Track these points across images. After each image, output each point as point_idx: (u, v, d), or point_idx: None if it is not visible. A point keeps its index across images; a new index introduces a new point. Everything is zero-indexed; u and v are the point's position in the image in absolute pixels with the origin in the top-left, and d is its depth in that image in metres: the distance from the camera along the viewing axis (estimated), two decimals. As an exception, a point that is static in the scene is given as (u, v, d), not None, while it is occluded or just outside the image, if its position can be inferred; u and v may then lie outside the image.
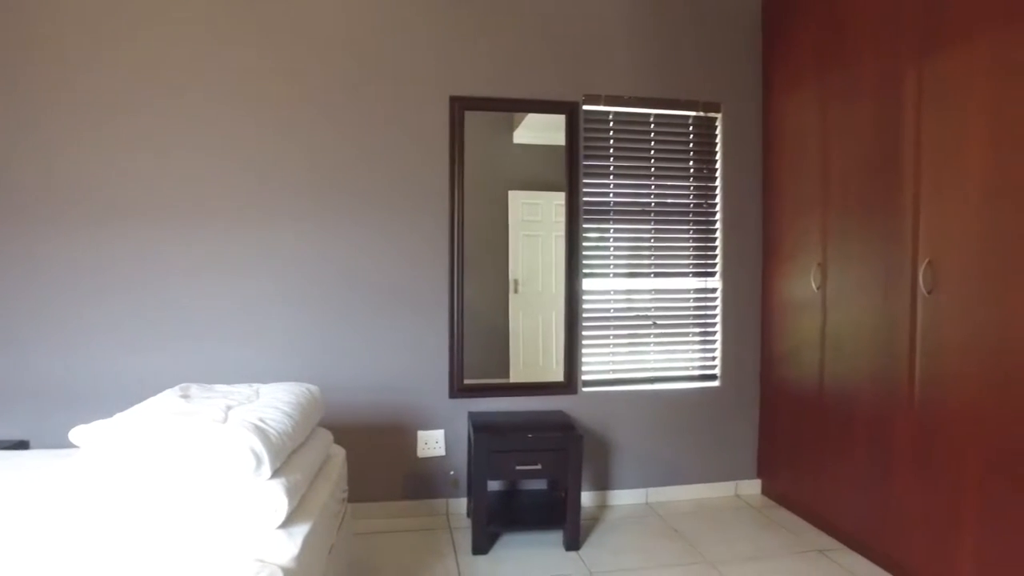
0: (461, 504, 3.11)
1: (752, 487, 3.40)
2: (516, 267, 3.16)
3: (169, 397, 1.83)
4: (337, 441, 2.40)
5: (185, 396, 1.86)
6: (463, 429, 3.09)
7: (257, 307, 2.90)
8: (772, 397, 3.27)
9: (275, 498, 1.52)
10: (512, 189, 3.15)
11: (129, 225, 2.79)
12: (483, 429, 2.79)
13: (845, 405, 2.71)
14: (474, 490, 2.69)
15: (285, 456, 1.66)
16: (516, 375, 3.18)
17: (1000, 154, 2.02)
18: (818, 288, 2.88)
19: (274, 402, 1.85)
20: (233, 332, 2.88)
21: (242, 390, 2.01)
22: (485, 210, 3.12)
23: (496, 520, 2.78)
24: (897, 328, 2.43)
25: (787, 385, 3.13)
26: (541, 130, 3.15)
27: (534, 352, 3.19)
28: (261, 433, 1.56)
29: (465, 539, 2.81)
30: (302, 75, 2.90)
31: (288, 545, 1.50)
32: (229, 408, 1.74)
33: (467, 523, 2.94)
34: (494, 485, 3.11)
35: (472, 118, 3.07)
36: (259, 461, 1.52)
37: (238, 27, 2.85)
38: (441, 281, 3.05)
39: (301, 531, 1.57)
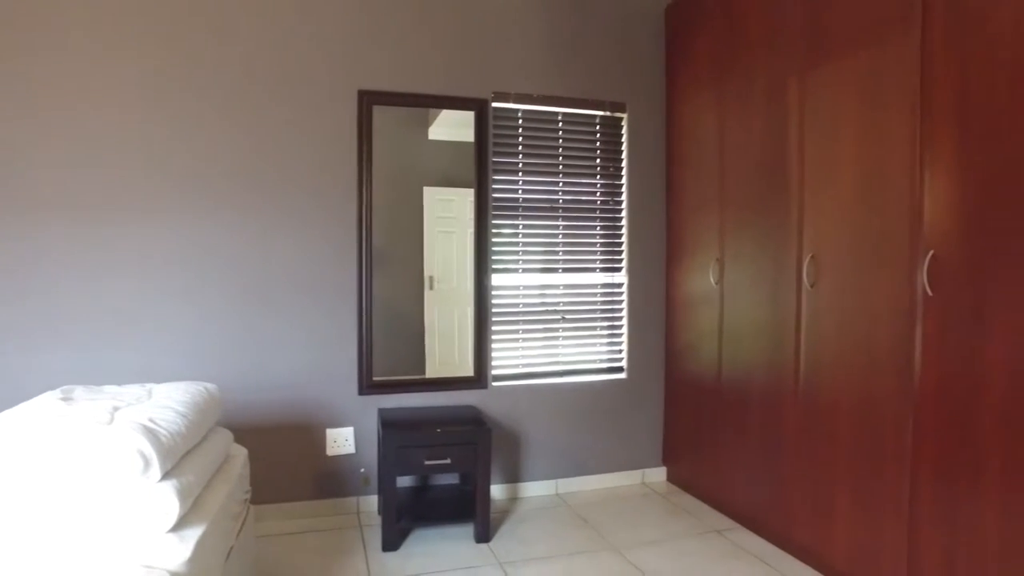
0: (373, 502, 3.08)
1: (658, 475, 3.54)
2: (431, 264, 3.16)
3: (48, 400, 1.72)
4: (242, 441, 2.34)
5: (67, 399, 1.76)
6: (373, 426, 3.06)
7: (156, 305, 2.77)
8: (675, 387, 3.41)
9: (165, 501, 1.46)
10: (427, 185, 3.14)
11: (16, 222, 2.60)
12: (392, 425, 2.77)
13: (741, 393, 2.87)
14: (383, 486, 2.68)
15: (177, 457, 1.60)
16: (432, 371, 3.18)
17: (865, 160, 2.20)
18: (716, 282, 3.03)
19: (167, 402, 1.78)
20: (128, 331, 2.74)
21: (134, 390, 1.92)
22: (400, 206, 3.10)
23: (407, 515, 2.78)
24: (785, 319, 2.59)
25: (689, 376, 3.28)
26: (456, 127, 3.16)
27: (450, 348, 3.20)
28: (150, 434, 1.50)
29: (376, 536, 2.79)
30: (203, 66, 2.79)
31: (179, 549, 1.45)
32: (116, 409, 1.66)
33: (379, 520, 2.92)
34: (405, 481, 3.10)
35: (386, 114, 3.05)
36: (147, 463, 1.46)
37: (135, 15, 2.71)
38: (349, 277, 3.01)
39: (194, 534, 1.52)
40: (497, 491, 3.24)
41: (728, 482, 2.97)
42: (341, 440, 3.03)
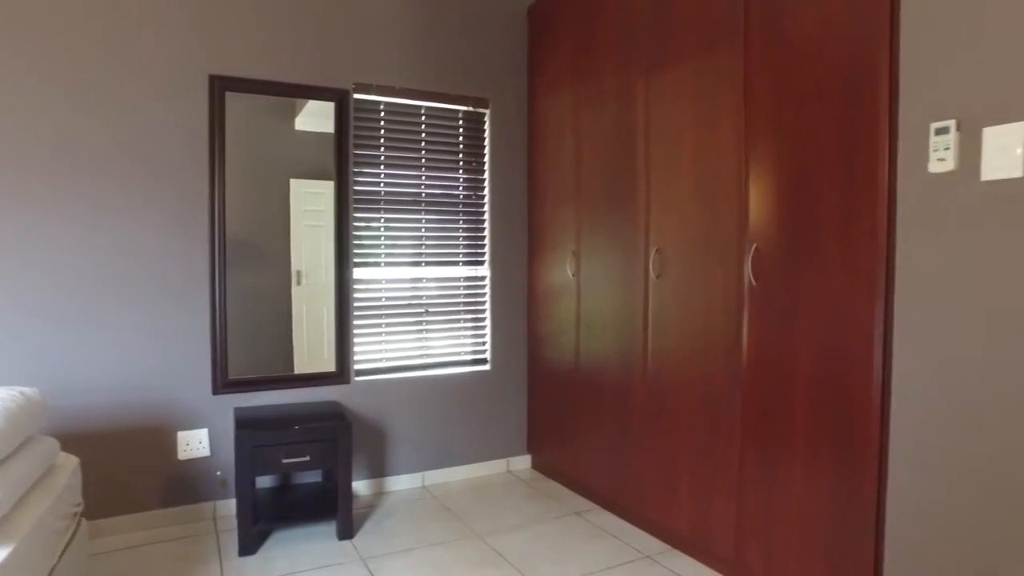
0: (231, 506, 2.95)
1: (523, 462, 3.65)
2: (299, 258, 3.06)
3: None
4: (78, 449, 2.16)
5: None
6: (230, 426, 2.93)
7: (-34, 304, 2.50)
8: (538, 377, 3.53)
9: (-35, 519, 1.34)
10: (294, 177, 3.04)
11: None
12: (247, 424, 2.67)
13: (596, 380, 3.02)
14: (239, 488, 2.58)
15: (-17, 471, 1.47)
16: (301, 367, 3.09)
17: (701, 161, 2.38)
18: (573, 275, 3.17)
19: (-28, 411, 1.62)
20: (-68, 334, 2.45)
21: (-67, 400, 1.73)
22: (265, 199, 2.98)
23: (266, 517, 2.69)
24: (634, 309, 2.76)
25: (550, 365, 3.40)
26: (323, 117, 3.08)
27: (319, 344, 3.12)
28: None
29: (233, 542, 2.68)
30: (41, 44, 2.53)
31: (-18, 570, 1.34)
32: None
33: (236, 525, 2.80)
34: (266, 481, 3.00)
35: (246, 101, 2.92)
36: (-58, 479, 1.32)
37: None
38: (201, 271, 2.86)
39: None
40: (362, 487, 3.21)
41: (587, 466, 3.12)
42: (194, 443, 2.88)
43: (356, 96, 3.14)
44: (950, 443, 1.67)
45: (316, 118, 3.08)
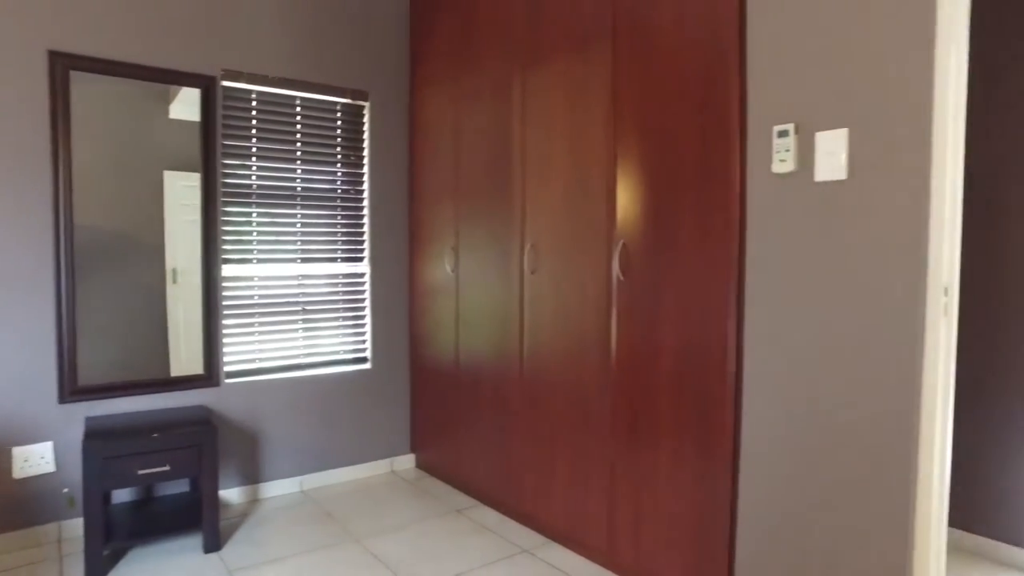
0: (80, 525, 2.71)
1: (407, 462, 3.59)
2: (174, 255, 2.86)
3: None
4: None
5: None
6: (80, 438, 2.69)
7: None
8: (420, 374, 3.49)
9: None
10: (169, 169, 2.83)
11: None
12: (99, 434, 2.46)
13: (475, 376, 3.02)
14: (87, 504, 2.36)
15: None
16: (179, 370, 2.89)
17: (573, 158, 2.44)
18: (452, 270, 3.16)
19: None
20: None
21: None
22: (136, 191, 2.76)
23: (121, 534, 2.49)
24: (510, 304, 2.78)
25: (431, 362, 3.37)
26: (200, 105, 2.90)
27: (197, 345, 2.93)
28: None
29: (78, 565, 2.46)
30: None
31: None
32: None
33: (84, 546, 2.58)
34: (124, 495, 2.78)
35: (115, 87, 2.70)
36: None
37: None
38: (43, 267, 2.60)
39: None
40: (235, 495, 3.05)
41: (468, 463, 3.12)
42: (35, 459, 2.61)
43: (225, 84, 2.97)
44: (793, 428, 1.80)
45: (193, 107, 2.89)
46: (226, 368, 3.04)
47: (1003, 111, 2.48)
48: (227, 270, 3.03)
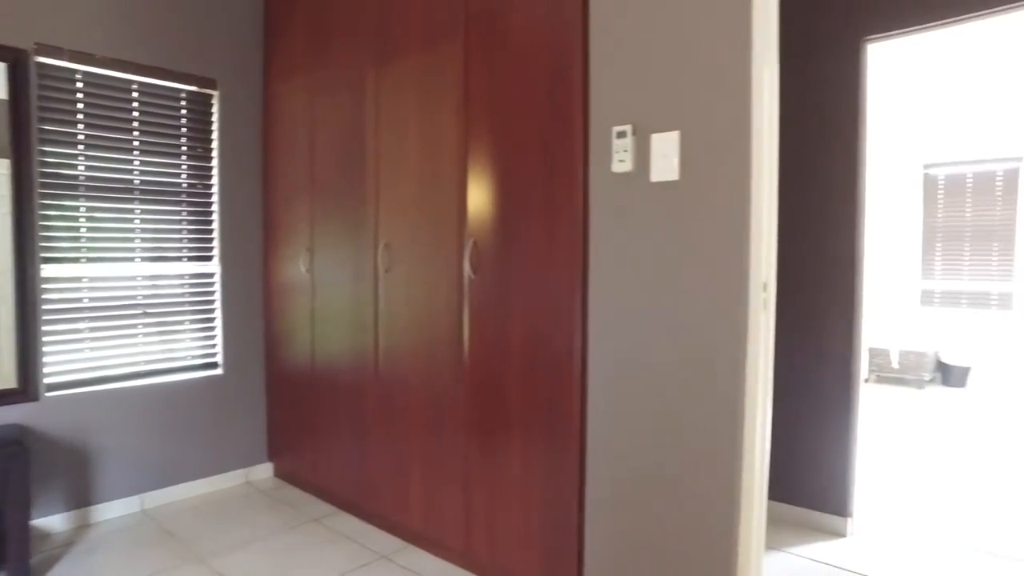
0: None
1: (264, 471, 3.40)
2: None
3: None
4: None
5: None
6: None
7: None
8: (276, 379, 3.32)
9: None
10: None
11: None
12: None
13: (332, 379, 2.90)
14: None
15: None
16: (4, 382, 2.57)
17: (426, 156, 2.39)
18: (307, 270, 3.02)
19: None
20: None
21: None
22: None
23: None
24: (365, 304, 2.69)
25: (287, 366, 3.21)
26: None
27: (8, 355, 2.59)
28: None
29: None
30: None
31: None
32: None
33: None
34: (-84, 530, 2.42)
35: None
36: None
37: None
38: None
39: None
40: (59, 521, 2.75)
41: (327, 469, 2.99)
42: None
43: (40, 60, 2.67)
44: (634, 418, 1.85)
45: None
46: (48, 380, 2.73)
47: (796, 124, 2.70)
48: (49, 270, 2.72)
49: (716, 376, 1.68)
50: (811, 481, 2.80)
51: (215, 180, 3.19)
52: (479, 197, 2.22)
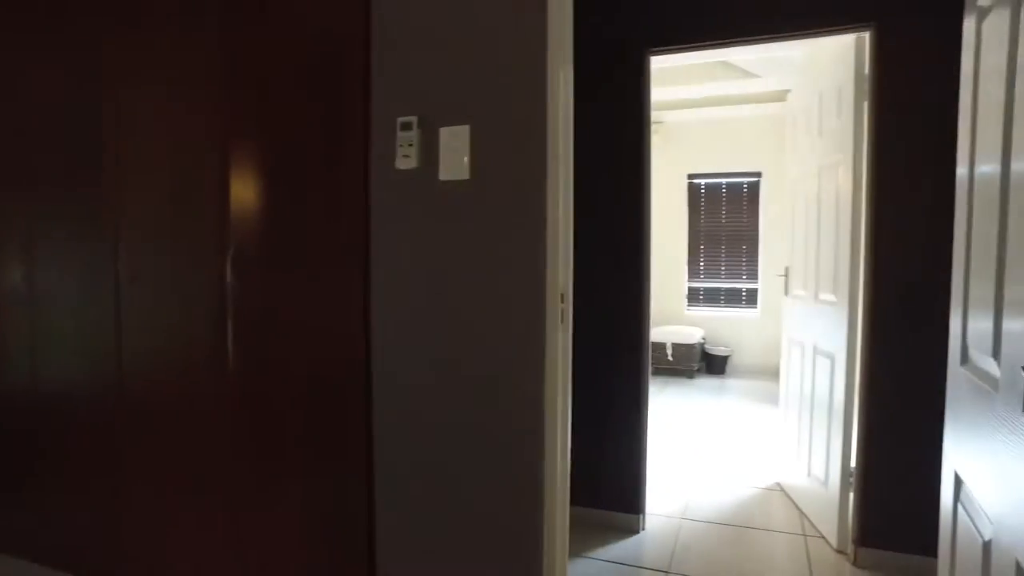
0: None
1: (-30, 534, 2.68)
2: None
3: None
4: None
5: None
6: None
7: None
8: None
9: None
10: None
11: None
12: None
13: (64, 411, 2.34)
14: None
15: None
16: None
17: (180, 151, 2.01)
18: (24, 279, 2.41)
19: None
20: None
21: None
22: None
23: None
24: (104, 322, 2.20)
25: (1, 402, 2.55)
26: None
27: None
28: None
29: None
30: None
31: None
32: None
33: None
34: None
35: None
36: None
37: None
38: None
39: None
40: None
41: (57, 526, 2.42)
42: None
43: None
44: (426, 431, 1.68)
45: None
46: None
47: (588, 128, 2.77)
48: None
49: (516, 388, 1.56)
50: (607, 482, 2.85)
51: None
52: (246, 196, 1.90)
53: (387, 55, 1.67)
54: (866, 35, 2.50)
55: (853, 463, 2.60)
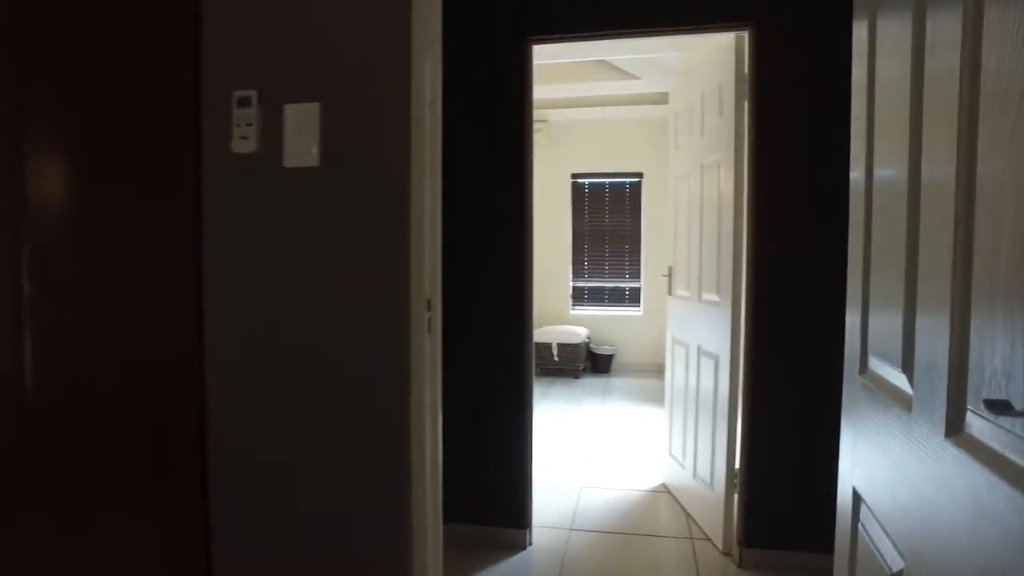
0: None
1: None
2: None
3: None
4: None
5: None
6: None
7: None
8: None
9: None
10: None
11: None
12: None
13: None
14: None
15: None
16: None
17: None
18: None
19: None
20: None
21: None
22: None
23: None
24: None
25: None
26: None
27: None
28: None
29: None
30: None
31: None
32: None
33: None
34: None
35: None
36: None
37: None
38: None
39: None
40: None
41: None
42: None
43: None
44: (271, 443, 1.42)
45: None
46: None
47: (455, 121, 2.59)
48: None
49: (376, 400, 1.34)
50: (491, 496, 2.67)
51: None
52: (47, 185, 1.54)
53: (223, 19, 1.39)
54: (745, 34, 2.48)
55: (738, 465, 2.58)
